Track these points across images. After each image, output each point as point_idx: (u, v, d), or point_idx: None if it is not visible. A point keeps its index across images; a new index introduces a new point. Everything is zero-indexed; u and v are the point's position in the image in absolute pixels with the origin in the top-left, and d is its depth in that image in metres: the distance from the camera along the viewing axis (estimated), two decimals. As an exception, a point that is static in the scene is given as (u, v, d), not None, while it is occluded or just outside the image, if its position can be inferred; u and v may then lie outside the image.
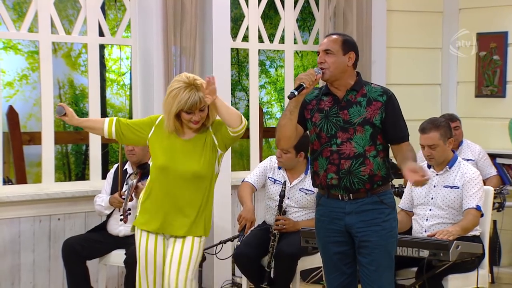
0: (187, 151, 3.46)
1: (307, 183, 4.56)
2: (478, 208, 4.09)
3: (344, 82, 3.36)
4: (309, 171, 4.64)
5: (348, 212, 3.35)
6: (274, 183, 4.67)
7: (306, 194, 4.60)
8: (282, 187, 4.54)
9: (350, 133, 3.32)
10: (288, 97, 3.24)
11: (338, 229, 3.38)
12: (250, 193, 4.65)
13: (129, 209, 4.38)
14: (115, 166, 4.82)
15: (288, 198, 4.58)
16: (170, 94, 3.45)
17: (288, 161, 4.58)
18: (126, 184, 4.55)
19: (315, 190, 4.57)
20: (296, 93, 3.23)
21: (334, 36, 3.38)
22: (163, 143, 3.50)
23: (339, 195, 3.36)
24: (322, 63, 3.33)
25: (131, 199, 4.41)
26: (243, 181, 4.74)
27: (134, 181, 4.45)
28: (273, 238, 4.43)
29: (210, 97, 3.29)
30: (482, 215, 4.13)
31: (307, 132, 3.45)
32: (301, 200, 4.60)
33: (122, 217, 4.38)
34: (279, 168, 4.69)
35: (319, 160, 3.39)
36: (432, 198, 4.19)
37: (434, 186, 4.22)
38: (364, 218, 3.33)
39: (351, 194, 3.34)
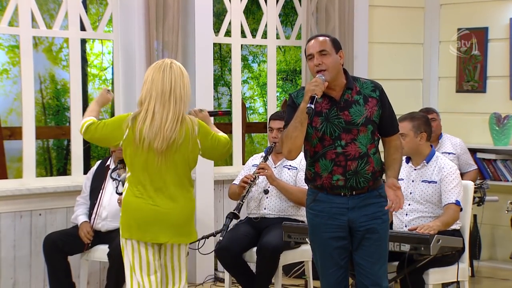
0: None
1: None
2: (457, 203, 4.12)
3: (339, 81, 3.36)
4: None
5: (351, 207, 3.37)
6: (253, 166, 4.71)
7: (289, 169, 4.65)
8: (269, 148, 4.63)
9: (353, 133, 3.32)
10: (307, 112, 3.20)
11: (340, 224, 3.38)
12: None
13: None
14: (98, 163, 4.82)
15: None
16: None
17: None
18: (112, 179, 4.54)
19: (297, 166, 4.62)
20: (313, 106, 3.20)
21: (322, 38, 3.37)
22: None
23: (342, 193, 3.38)
24: (320, 64, 3.31)
25: None
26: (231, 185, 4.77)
27: (125, 174, 4.46)
28: (252, 179, 4.50)
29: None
30: (461, 210, 4.16)
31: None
32: (285, 177, 4.63)
33: None
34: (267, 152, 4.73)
35: (320, 161, 3.36)
36: (410, 193, 4.22)
37: (413, 181, 4.24)
38: (366, 212, 3.37)
39: (354, 191, 3.37)
